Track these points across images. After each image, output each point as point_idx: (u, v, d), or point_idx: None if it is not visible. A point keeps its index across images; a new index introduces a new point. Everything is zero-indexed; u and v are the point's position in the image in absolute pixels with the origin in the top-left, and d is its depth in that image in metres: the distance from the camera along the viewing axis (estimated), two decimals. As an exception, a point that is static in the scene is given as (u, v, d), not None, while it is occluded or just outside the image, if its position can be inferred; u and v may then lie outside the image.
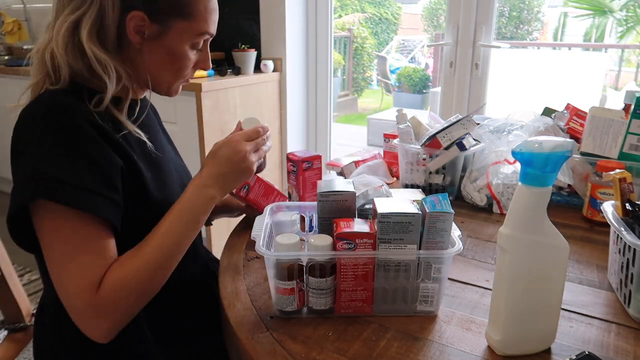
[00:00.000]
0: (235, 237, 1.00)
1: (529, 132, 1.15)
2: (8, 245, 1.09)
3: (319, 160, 1.08)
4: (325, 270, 0.69)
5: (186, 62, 0.83)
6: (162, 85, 0.84)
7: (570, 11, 6.38)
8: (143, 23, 0.76)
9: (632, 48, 5.99)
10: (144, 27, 0.77)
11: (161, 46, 0.79)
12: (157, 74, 0.82)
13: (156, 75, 0.82)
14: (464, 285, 0.81)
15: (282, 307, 0.71)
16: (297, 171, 1.07)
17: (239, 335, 0.68)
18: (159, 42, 0.79)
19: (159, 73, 0.82)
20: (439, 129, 1.18)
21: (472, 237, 1.00)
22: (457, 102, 2.14)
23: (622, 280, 0.75)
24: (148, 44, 0.78)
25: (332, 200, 0.75)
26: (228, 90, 2.12)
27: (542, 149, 0.57)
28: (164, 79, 0.83)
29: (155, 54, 0.80)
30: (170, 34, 0.79)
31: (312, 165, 1.08)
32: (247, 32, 2.41)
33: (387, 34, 9.05)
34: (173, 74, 0.83)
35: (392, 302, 0.72)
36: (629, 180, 0.83)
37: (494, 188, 1.10)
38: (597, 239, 0.99)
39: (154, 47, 0.79)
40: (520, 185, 0.60)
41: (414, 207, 0.68)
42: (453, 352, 0.65)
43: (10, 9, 3.25)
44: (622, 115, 1.11)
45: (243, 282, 0.82)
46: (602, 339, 0.67)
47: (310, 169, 1.08)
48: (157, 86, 0.84)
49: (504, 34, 6.50)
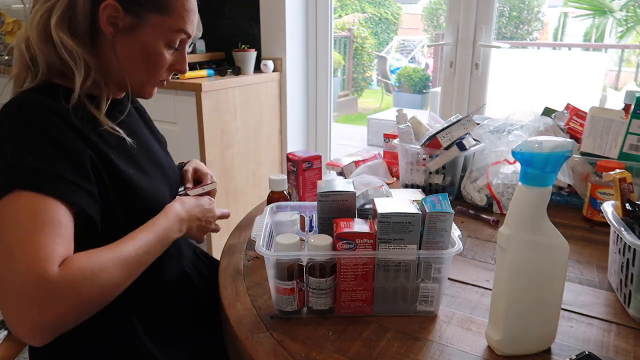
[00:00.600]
0: (235, 237, 1.00)
1: (529, 132, 1.15)
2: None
3: (319, 160, 1.09)
4: (325, 270, 0.69)
5: (160, 61, 0.81)
6: (135, 84, 0.82)
7: (570, 11, 6.39)
8: (117, 14, 0.75)
9: (632, 48, 5.99)
10: (118, 18, 0.75)
11: (135, 41, 0.77)
12: (130, 70, 0.80)
13: (129, 72, 0.80)
14: (464, 285, 0.81)
15: (282, 307, 0.71)
16: (297, 171, 1.07)
17: (239, 335, 0.68)
18: (133, 37, 0.77)
19: (132, 70, 0.80)
20: (439, 129, 1.18)
21: (472, 237, 1.00)
22: (457, 102, 2.13)
23: (622, 280, 0.75)
24: (122, 37, 0.77)
25: (332, 200, 0.75)
26: (228, 90, 2.11)
27: (542, 149, 0.57)
28: (137, 77, 0.81)
29: (129, 48, 0.78)
30: (144, 28, 0.77)
31: (312, 165, 1.08)
32: (247, 32, 2.40)
33: (387, 34, 9.06)
34: (147, 72, 0.81)
35: (392, 302, 0.72)
36: (629, 180, 0.83)
37: (494, 188, 1.10)
38: (597, 239, 0.99)
39: (127, 41, 0.77)
40: (520, 185, 0.60)
41: (414, 207, 0.68)
42: (453, 352, 0.65)
43: (10, 9, 3.25)
44: (622, 115, 1.11)
45: (243, 282, 0.82)
46: (602, 339, 0.67)
47: (310, 169, 1.08)
48: (130, 84, 0.82)
49: (504, 34, 6.50)
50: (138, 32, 0.77)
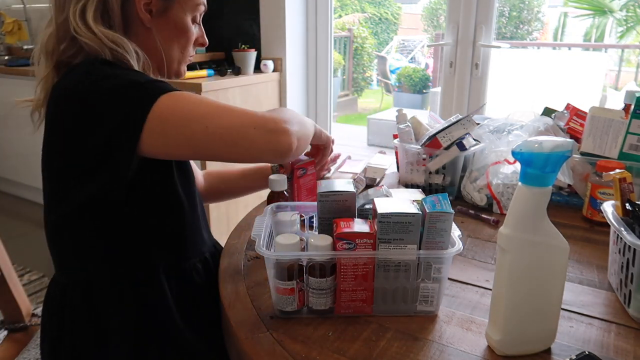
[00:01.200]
0: (235, 237, 1.00)
1: (529, 132, 1.15)
2: (8, 245, 1.10)
3: (312, 165, 1.05)
4: (325, 271, 0.69)
5: (190, 36, 0.87)
6: (173, 64, 0.88)
7: (570, 11, 6.39)
8: (150, 1, 0.80)
9: (632, 48, 5.99)
10: (151, 4, 0.81)
11: (168, 21, 0.83)
12: (168, 51, 0.85)
13: (167, 53, 0.85)
14: (464, 285, 0.81)
15: (282, 307, 0.71)
16: (291, 178, 1.03)
17: (239, 335, 0.68)
18: (166, 18, 0.83)
19: (170, 50, 0.86)
20: (439, 129, 1.18)
21: (472, 237, 1.00)
22: (457, 102, 2.13)
23: (622, 280, 0.75)
24: (156, 21, 0.82)
25: (332, 200, 0.75)
26: (228, 90, 2.11)
27: (542, 149, 0.57)
28: (174, 57, 0.87)
29: (165, 30, 0.84)
30: (174, 7, 0.83)
31: (306, 172, 1.04)
32: (247, 32, 2.41)
33: (387, 34, 9.06)
34: (180, 50, 0.87)
35: (392, 302, 0.72)
36: (629, 180, 0.83)
37: (494, 188, 1.10)
38: (597, 239, 0.99)
39: (162, 23, 0.83)
40: (520, 185, 0.60)
41: (414, 207, 0.68)
42: (453, 352, 0.65)
43: (10, 9, 3.25)
44: (622, 115, 1.10)
45: (243, 282, 0.82)
46: (602, 339, 0.67)
47: (305, 175, 1.04)
48: (168, 65, 0.87)
49: (504, 34, 6.50)
50: (169, 12, 0.83)
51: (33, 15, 3.21)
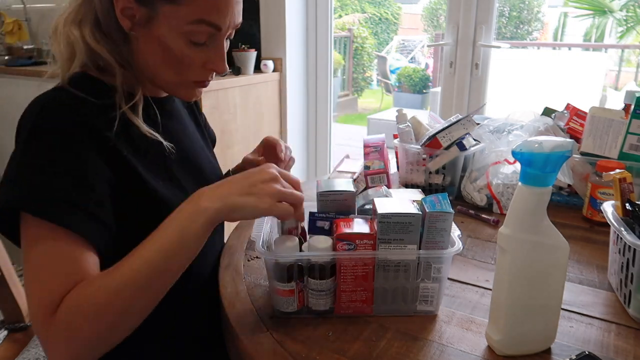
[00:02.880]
0: (235, 238, 1.00)
1: (529, 132, 1.15)
2: (8, 245, 1.10)
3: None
4: (325, 272, 0.69)
5: (183, 59, 0.73)
6: (165, 84, 0.78)
7: (570, 11, 6.39)
8: (131, 5, 0.70)
9: (632, 48, 6.00)
10: (133, 9, 0.70)
11: (152, 36, 0.72)
12: (155, 69, 0.75)
13: (155, 71, 0.76)
14: (464, 285, 0.81)
15: (282, 308, 0.71)
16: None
17: (239, 335, 0.68)
18: (150, 31, 0.72)
19: (157, 69, 0.75)
20: (439, 129, 1.18)
21: (472, 237, 1.00)
22: (457, 102, 2.13)
23: (622, 280, 0.75)
24: (142, 32, 0.72)
25: (332, 200, 0.75)
26: (228, 90, 2.11)
27: (542, 149, 0.57)
28: (164, 78, 0.76)
29: (149, 45, 0.73)
30: (158, 20, 0.70)
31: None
32: (247, 32, 2.40)
33: (387, 34, 9.06)
34: (173, 73, 0.75)
35: (392, 302, 0.72)
36: (629, 180, 0.83)
37: (494, 188, 1.10)
38: (597, 239, 0.99)
39: (146, 36, 0.72)
40: (520, 185, 0.60)
41: (414, 207, 0.68)
42: (453, 352, 0.65)
43: (10, 9, 3.25)
44: (622, 115, 1.10)
45: (243, 283, 0.82)
46: (602, 339, 0.67)
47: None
48: (161, 85, 0.79)
49: (504, 34, 6.50)
50: (153, 25, 0.71)
51: (33, 15, 3.21)
